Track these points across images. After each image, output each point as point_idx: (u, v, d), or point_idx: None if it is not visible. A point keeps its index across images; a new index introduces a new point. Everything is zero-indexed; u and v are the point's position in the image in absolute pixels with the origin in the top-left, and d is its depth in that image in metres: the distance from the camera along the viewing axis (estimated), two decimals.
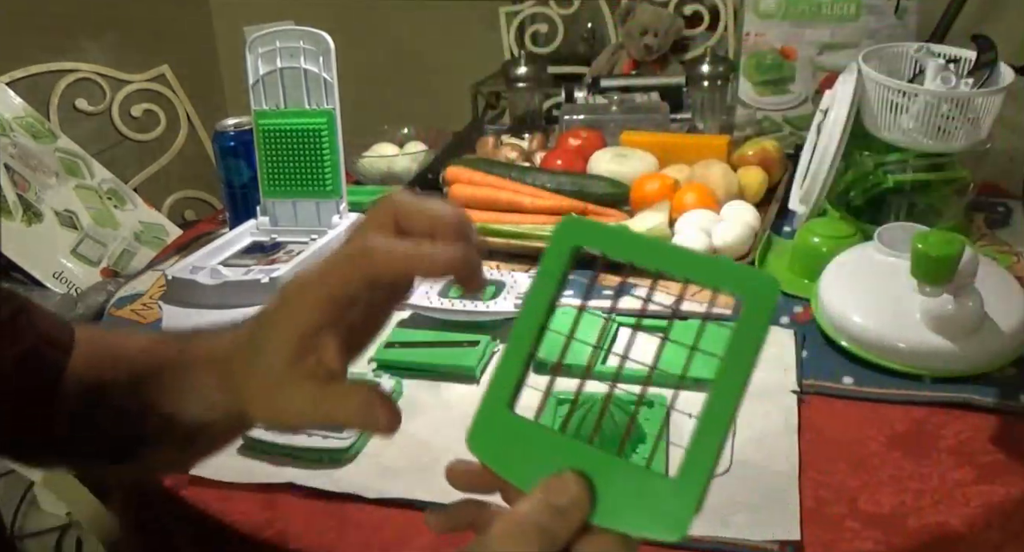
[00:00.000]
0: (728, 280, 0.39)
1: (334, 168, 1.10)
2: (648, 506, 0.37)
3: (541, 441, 0.40)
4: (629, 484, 0.38)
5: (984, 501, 0.70)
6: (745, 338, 0.38)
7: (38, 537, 1.79)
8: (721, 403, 0.38)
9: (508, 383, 0.41)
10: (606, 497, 0.38)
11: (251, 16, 1.22)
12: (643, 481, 0.37)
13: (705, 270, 0.39)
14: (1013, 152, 1.64)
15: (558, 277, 0.41)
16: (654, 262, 0.40)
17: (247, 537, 0.71)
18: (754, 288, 0.38)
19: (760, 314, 0.38)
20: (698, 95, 1.48)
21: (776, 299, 0.38)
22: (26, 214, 1.24)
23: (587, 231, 0.41)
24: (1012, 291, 0.90)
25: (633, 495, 0.37)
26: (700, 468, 0.37)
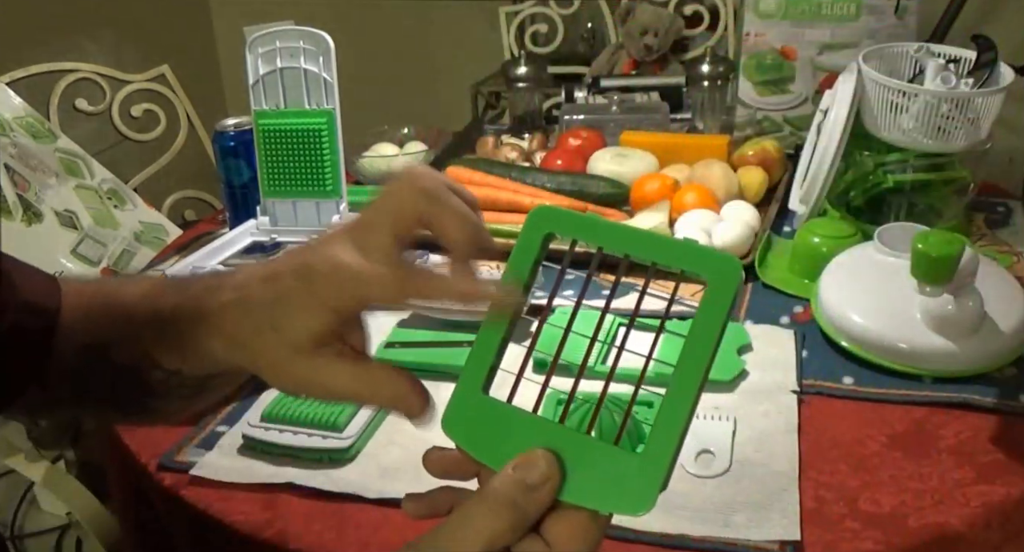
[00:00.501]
0: (692, 262, 0.40)
1: (334, 168, 1.10)
2: (614, 483, 0.38)
3: (514, 422, 0.41)
4: (597, 461, 0.39)
5: (984, 501, 0.70)
6: (708, 318, 0.39)
7: (38, 537, 1.80)
8: (685, 381, 0.39)
9: (481, 367, 0.42)
10: (574, 474, 0.39)
11: (251, 16, 1.22)
12: (610, 459, 0.39)
13: (670, 253, 0.40)
14: (1013, 152, 1.64)
15: (530, 264, 0.42)
16: (622, 247, 0.41)
17: (247, 537, 0.71)
18: (717, 269, 0.39)
19: (723, 294, 0.39)
20: (698, 95, 1.48)
21: (738, 279, 0.39)
22: (26, 214, 1.24)
23: (558, 219, 0.42)
24: (1012, 291, 0.90)
25: (600, 472, 0.39)
26: (664, 445, 0.38)
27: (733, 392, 0.85)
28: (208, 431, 0.84)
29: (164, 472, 0.79)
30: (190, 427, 0.84)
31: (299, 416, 0.80)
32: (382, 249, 0.42)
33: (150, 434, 0.84)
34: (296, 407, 0.81)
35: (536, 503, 0.38)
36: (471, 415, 0.42)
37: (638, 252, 0.41)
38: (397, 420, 0.85)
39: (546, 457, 0.39)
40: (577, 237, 0.42)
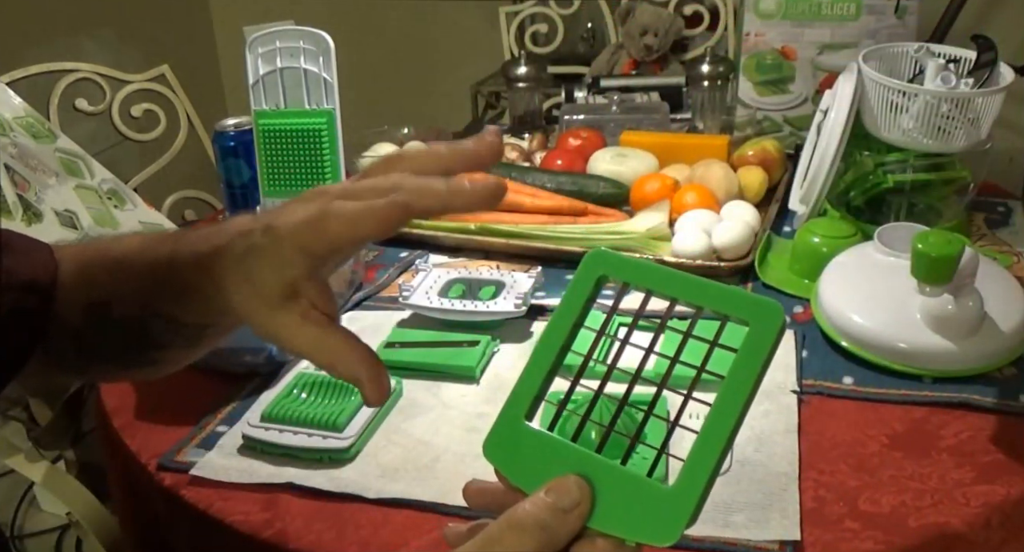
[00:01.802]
0: (736, 307, 0.41)
1: (334, 168, 1.10)
2: (643, 513, 0.39)
3: (552, 450, 0.42)
4: (628, 491, 0.40)
5: (984, 501, 0.70)
6: (749, 360, 0.40)
7: (38, 537, 1.80)
8: (722, 420, 0.40)
9: (527, 396, 0.43)
10: (605, 502, 0.40)
11: (251, 16, 1.22)
12: (641, 489, 0.39)
13: (716, 297, 0.42)
14: (1013, 152, 1.64)
15: (583, 302, 0.44)
16: (670, 290, 0.44)
17: (247, 537, 0.71)
18: (760, 314, 0.40)
19: (764, 338, 0.40)
20: (698, 95, 1.48)
21: (780, 324, 0.40)
22: (26, 214, 1.24)
23: (612, 262, 0.45)
24: (1012, 291, 0.90)
25: (631, 502, 0.39)
26: (697, 480, 0.39)
27: None
28: (208, 431, 0.84)
29: (164, 472, 0.79)
30: (190, 427, 0.84)
31: (299, 416, 0.80)
32: None
33: (150, 434, 0.84)
34: (296, 407, 0.81)
35: (566, 527, 0.39)
36: (512, 442, 0.43)
37: (685, 297, 0.43)
38: (397, 420, 0.86)
39: (579, 483, 0.40)
40: (629, 281, 0.44)
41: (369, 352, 0.45)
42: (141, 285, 0.52)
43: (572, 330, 0.44)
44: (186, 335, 0.53)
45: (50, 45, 2.08)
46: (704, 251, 1.06)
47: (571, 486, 0.39)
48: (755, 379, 0.40)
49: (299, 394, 0.84)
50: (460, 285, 1.02)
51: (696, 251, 1.06)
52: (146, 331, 0.53)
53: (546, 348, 0.44)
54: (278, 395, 0.84)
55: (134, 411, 0.87)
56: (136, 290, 0.53)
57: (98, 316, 0.55)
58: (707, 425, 0.40)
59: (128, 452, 0.82)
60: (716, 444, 0.39)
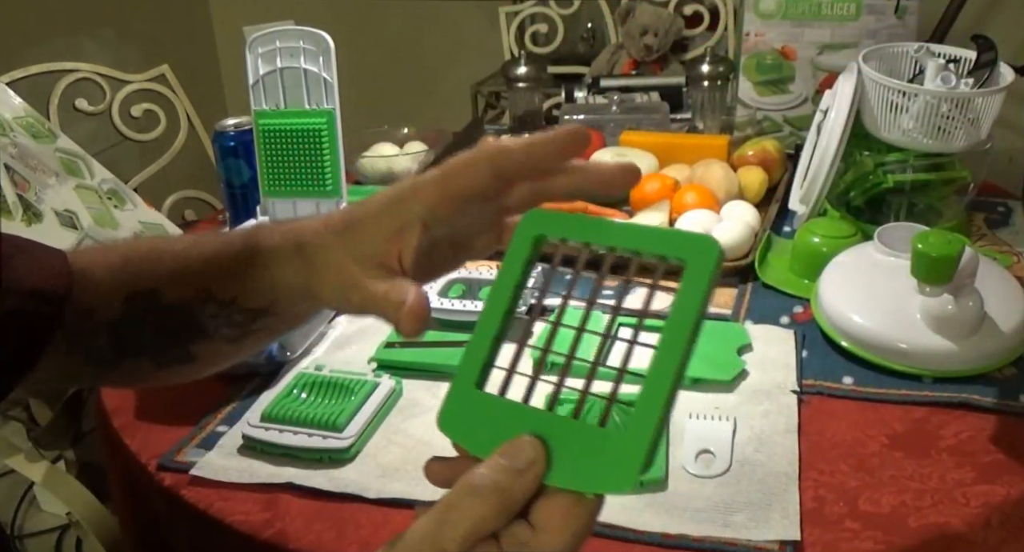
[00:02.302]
0: (671, 247, 0.41)
1: (334, 168, 1.10)
2: (598, 463, 0.39)
3: (507, 414, 0.41)
4: (582, 444, 0.39)
5: (984, 501, 0.70)
6: (688, 299, 0.39)
7: (38, 537, 1.80)
8: (665, 361, 0.39)
9: (476, 364, 0.43)
10: (560, 458, 0.40)
11: (251, 16, 1.22)
12: (594, 440, 0.39)
13: (651, 241, 0.41)
14: (1013, 152, 1.64)
15: (522, 264, 0.44)
16: (607, 240, 0.42)
17: (247, 537, 0.71)
18: (694, 251, 0.40)
19: (701, 274, 0.39)
20: (698, 95, 1.48)
21: (715, 257, 0.39)
22: (26, 214, 1.24)
23: (548, 220, 0.44)
24: (1012, 291, 0.90)
25: (585, 454, 0.39)
26: (646, 424, 0.38)
27: (733, 392, 0.85)
28: (208, 431, 0.84)
29: (164, 472, 0.79)
30: (190, 427, 0.84)
31: (299, 416, 0.80)
32: None
33: (150, 434, 0.84)
34: (296, 407, 0.81)
35: (522, 487, 0.39)
36: (466, 411, 0.42)
37: (622, 244, 0.42)
38: (396, 420, 0.86)
39: (531, 442, 0.40)
40: (565, 237, 0.43)
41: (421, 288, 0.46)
42: (199, 269, 0.54)
43: (514, 293, 0.44)
44: (235, 323, 0.54)
45: (50, 45, 2.08)
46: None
47: (524, 446, 0.39)
48: (695, 316, 0.39)
49: (299, 394, 0.84)
50: (460, 285, 1.02)
51: None
52: (193, 319, 0.54)
53: (490, 314, 0.44)
54: (278, 395, 0.84)
55: (134, 411, 0.87)
56: (190, 274, 0.54)
57: (142, 306, 0.55)
58: (652, 367, 0.39)
59: (128, 452, 0.82)
60: (662, 385, 0.39)
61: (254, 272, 0.52)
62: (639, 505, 0.70)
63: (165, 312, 0.55)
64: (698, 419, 0.80)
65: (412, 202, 0.46)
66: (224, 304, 0.53)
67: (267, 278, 0.51)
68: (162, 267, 0.55)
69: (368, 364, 0.92)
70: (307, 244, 0.49)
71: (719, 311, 0.99)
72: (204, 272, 0.53)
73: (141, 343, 0.57)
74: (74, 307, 0.57)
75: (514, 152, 0.44)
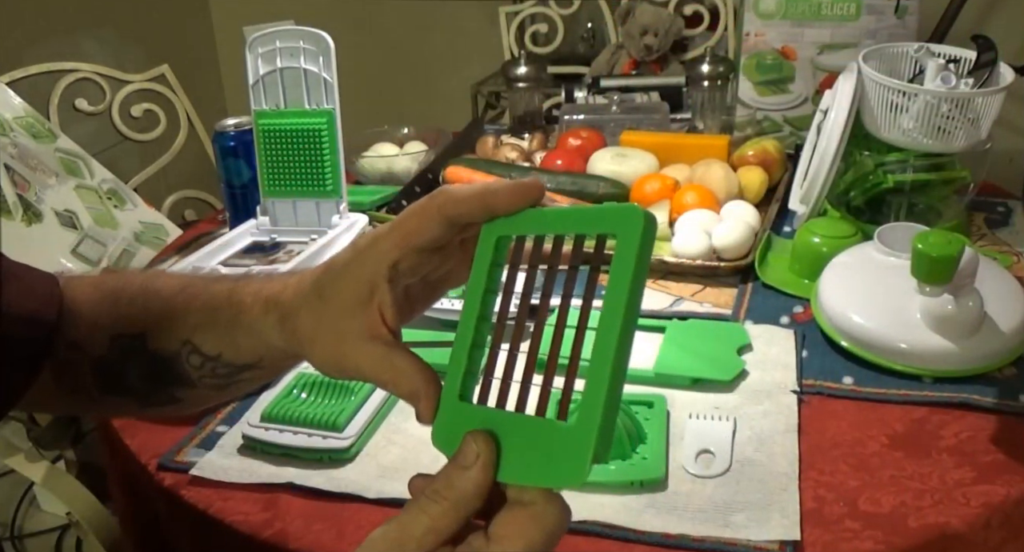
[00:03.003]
0: (601, 223, 0.39)
1: (334, 168, 1.10)
2: (550, 457, 0.38)
3: (480, 420, 0.41)
4: (536, 439, 0.39)
5: (984, 501, 0.70)
6: (619, 276, 0.38)
7: (38, 537, 1.80)
8: (605, 345, 0.37)
9: (457, 376, 0.43)
10: (514, 454, 0.39)
11: (251, 16, 1.22)
12: (548, 434, 0.38)
13: (583, 221, 0.40)
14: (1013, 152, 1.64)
15: (487, 268, 0.43)
16: (551, 228, 0.42)
17: (247, 537, 0.71)
18: (622, 222, 0.38)
19: (630, 245, 0.38)
20: (698, 95, 1.48)
21: (640, 227, 0.38)
22: (26, 214, 1.24)
23: (504, 222, 0.43)
24: (1012, 291, 0.90)
25: (538, 449, 0.38)
26: (593, 411, 0.37)
27: (733, 392, 0.85)
28: (208, 431, 0.84)
29: (164, 472, 0.79)
30: (190, 427, 0.84)
31: (299, 416, 0.80)
32: None
33: (150, 434, 0.84)
34: (296, 407, 0.81)
35: (471, 482, 0.39)
36: (452, 423, 0.42)
37: (562, 229, 0.41)
38: (397, 420, 0.86)
39: (477, 438, 0.40)
40: (520, 233, 0.43)
41: (430, 371, 0.45)
42: (185, 319, 0.53)
43: (484, 298, 0.43)
44: (220, 375, 0.53)
45: (50, 45, 2.09)
46: (704, 251, 1.06)
47: (471, 443, 0.39)
48: (628, 291, 0.37)
49: (299, 394, 0.84)
50: None
51: (696, 251, 1.06)
52: (178, 367, 0.54)
53: (465, 323, 0.44)
54: (278, 395, 0.84)
55: None
56: (178, 324, 0.53)
57: (127, 347, 0.55)
58: (593, 352, 0.38)
59: (128, 452, 0.82)
60: (603, 370, 0.37)
61: (239, 333, 0.51)
62: (639, 505, 0.71)
63: (150, 358, 0.54)
64: (698, 419, 0.80)
65: (374, 263, 0.44)
66: (209, 358, 0.53)
67: (252, 340, 0.51)
68: (150, 312, 0.55)
69: None
70: (289, 316, 0.48)
71: (719, 311, 0.99)
72: (190, 324, 0.53)
73: (126, 384, 0.56)
74: (62, 337, 0.56)
75: (467, 203, 0.43)
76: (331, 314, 0.46)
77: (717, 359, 0.88)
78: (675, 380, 0.85)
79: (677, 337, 0.92)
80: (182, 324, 0.53)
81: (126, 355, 0.55)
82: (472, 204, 0.43)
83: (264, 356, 0.52)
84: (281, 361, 0.53)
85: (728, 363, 0.87)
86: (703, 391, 0.85)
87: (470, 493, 0.39)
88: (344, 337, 0.45)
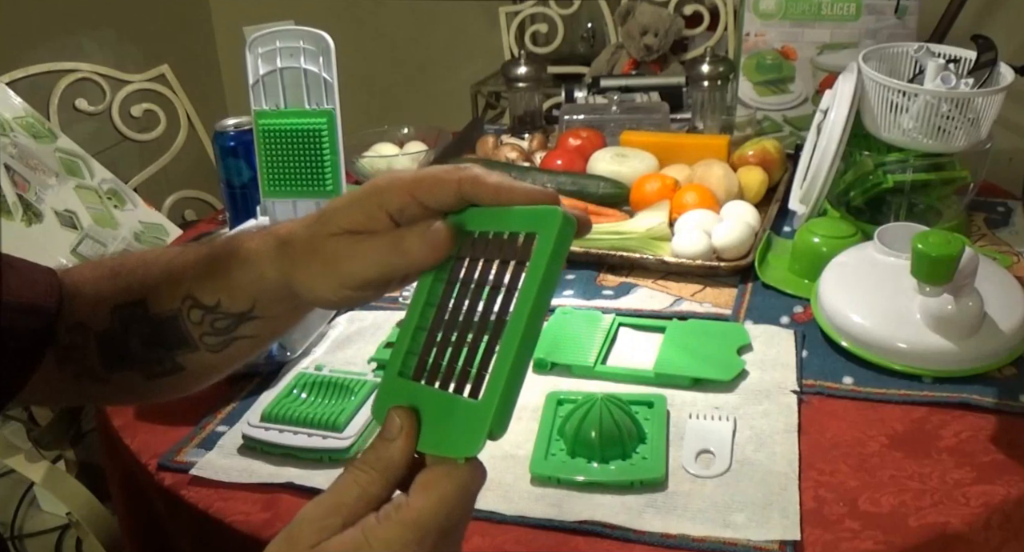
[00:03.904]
0: (523, 223, 0.43)
1: (334, 168, 1.10)
2: (455, 429, 0.42)
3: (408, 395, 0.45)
4: (449, 413, 0.43)
5: (984, 501, 0.70)
6: (534, 269, 0.41)
7: (38, 537, 1.80)
8: (513, 330, 0.41)
9: (399, 353, 0.47)
10: (429, 427, 0.43)
11: (251, 16, 1.22)
12: (457, 409, 0.42)
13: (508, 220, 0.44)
14: (1013, 152, 1.64)
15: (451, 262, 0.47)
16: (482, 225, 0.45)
17: (247, 537, 0.71)
18: (541, 222, 0.42)
19: (545, 242, 0.41)
20: (698, 95, 1.48)
21: (556, 224, 0.41)
22: (26, 214, 1.24)
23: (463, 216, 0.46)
24: (1012, 291, 0.90)
25: (448, 422, 0.42)
26: (494, 389, 0.41)
27: (733, 392, 0.85)
28: (208, 431, 0.84)
29: (164, 472, 0.79)
30: (190, 427, 0.84)
31: (299, 416, 0.80)
32: None
33: (150, 434, 0.84)
34: (296, 407, 0.81)
35: (396, 452, 0.43)
36: (389, 397, 0.46)
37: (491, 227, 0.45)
38: None
39: (400, 413, 0.43)
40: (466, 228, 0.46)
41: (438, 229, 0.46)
42: (184, 275, 0.55)
43: (432, 286, 0.47)
44: (219, 329, 0.55)
45: (50, 45, 2.09)
46: (704, 251, 1.06)
47: (393, 417, 0.43)
48: (538, 284, 0.41)
49: (299, 394, 0.84)
50: None
51: (696, 251, 1.06)
52: (179, 327, 0.56)
53: (413, 307, 0.47)
54: (278, 395, 0.84)
55: (134, 411, 0.87)
56: (177, 281, 0.55)
57: (128, 316, 0.57)
58: (504, 335, 0.42)
59: (128, 452, 0.82)
60: (509, 351, 0.41)
61: (235, 272, 0.53)
62: (639, 505, 0.71)
63: (151, 322, 0.56)
64: (698, 419, 0.80)
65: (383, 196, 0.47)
66: (208, 309, 0.55)
67: (248, 277, 0.53)
68: (150, 277, 0.57)
69: (368, 364, 0.92)
70: (286, 239, 0.51)
71: (719, 311, 0.99)
72: (189, 278, 0.55)
73: (129, 354, 0.58)
74: (64, 322, 0.57)
75: (485, 190, 0.45)
76: (330, 229, 0.48)
77: (717, 359, 0.88)
78: (675, 380, 0.85)
79: (677, 337, 0.92)
80: (181, 281, 0.55)
81: (127, 324, 0.57)
82: (488, 194, 0.45)
83: (258, 299, 0.54)
84: (275, 305, 0.54)
85: (728, 363, 0.87)
86: (703, 391, 0.85)
87: (396, 462, 0.43)
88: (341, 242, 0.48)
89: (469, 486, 0.42)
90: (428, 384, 0.44)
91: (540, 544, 0.68)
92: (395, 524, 0.40)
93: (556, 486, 0.73)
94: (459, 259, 0.46)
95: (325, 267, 0.49)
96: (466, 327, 0.44)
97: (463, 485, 0.41)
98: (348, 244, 0.48)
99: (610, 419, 0.74)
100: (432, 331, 0.46)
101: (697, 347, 0.90)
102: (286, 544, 0.42)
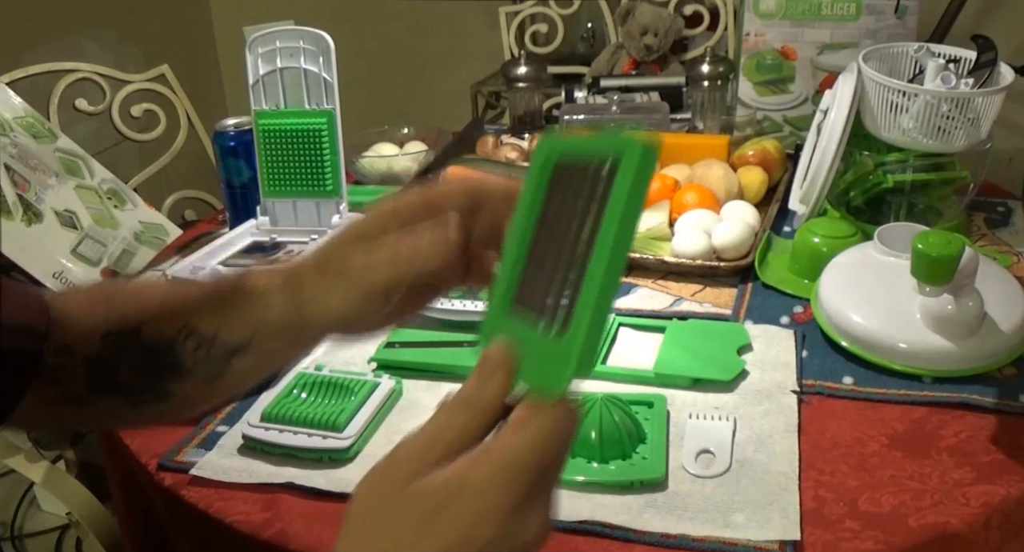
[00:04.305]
0: (604, 148, 0.42)
1: (334, 168, 1.10)
2: (547, 366, 0.41)
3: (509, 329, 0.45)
4: (538, 349, 0.42)
5: (984, 501, 0.70)
6: (616, 200, 0.40)
7: (38, 537, 1.80)
8: (596, 265, 0.40)
9: (500, 286, 0.47)
10: (526, 364, 0.42)
11: (251, 16, 1.22)
12: (547, 345, 0.41)
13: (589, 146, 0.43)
14: (1013, 152, 1.64)
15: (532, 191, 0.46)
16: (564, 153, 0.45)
17: (247, 537, 0.71)
18: (622, 147, 0.41)
19: (626, 172, 0.41)
20: (698, 95, 1.48)
21: (638, 153, 0.41)
22: (26, 214, 1.24)
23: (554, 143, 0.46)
24: (1012, 291, 0.90)
25: (539, 358, 0.42)
26: (578, 328, 0.40)
27: (733, 392, 0.85)
28: (208, 431, 0.84)
29: (164, 472, 0.79)
30: (190, 427, 0.84)
31: (299, 416, 0.80)
32: None
33: (150, 434, 0.84)
34: (296, 407, 0.81)
35: (492, 390, 0.42)
36: (492, 328, 0.46)
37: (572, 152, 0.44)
38: (397, 420, 0.86)
39: (497, 349, 0.43)
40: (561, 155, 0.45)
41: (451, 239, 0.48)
42: (187, 304, 0.55)
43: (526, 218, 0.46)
44: (213, 359, 0.55)
45: (50, 45, 2.09)
46: (704, 251, 1.06)
47: (491, 353, 0.43)
48: (621, 215, 0.40)
49: (299, 394, 0.84)
50: None
51: (696, 251, 1.06)
52: (172, 353, 0.55)
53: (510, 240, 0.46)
54: (278, 395, 0.84)
55: None
56: (174, 311, 0.55)
57: (119, 343, 0.56)
58: (587, 272, 0.40)
59: (128, 452, 0.82)
60: (593, 286, 0.39)
61: (239, 305, 0.53)
62: (639, 505, 0.71)
63: (144, 349, 0.56)
64: (698, 419, 0.80)
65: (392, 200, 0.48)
66: (205, 340, 0.54)
67: (251, 309, 0.53)
68: (147, 305, 0.56)
69: (368, 364, 0.92)
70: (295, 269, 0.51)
71: (719, 311, 0.99)
72: (189, 309, 0.55)
73: (116, 380, 0.57)
74: (51, 344, 0.57)
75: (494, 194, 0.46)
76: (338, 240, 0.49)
77: (717, 359, 0.88)
78: (675, 380, 0.85)
79: (677, 337, 0.92)
80: (180, 310, 0.55)
81: (118, 350, 0.56)
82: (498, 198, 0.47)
83: (258, 332, 0.53)
84: (275, 338, 0.54)
85: (728, 363, 0.87)
86: (703, 391, 0.85)
87: (493, 401, 0.41)
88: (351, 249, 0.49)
89: (563, 423, 0.41)
90: (523, 318, 0.44)
91: None
92: (489, 464, 0.39)
93: None
94: (549, 190, 0.45)
95: (337, 277, 0.48)
96: (556, 261, 0.43)
97: (556, 421, 0.40)
98: (358, 251, 0.48)
99: (610, 419, 0.74)
100: (527, 265, 0.45)
101: (697, 347, 0.90)
102: (379, 483, 0.41)
